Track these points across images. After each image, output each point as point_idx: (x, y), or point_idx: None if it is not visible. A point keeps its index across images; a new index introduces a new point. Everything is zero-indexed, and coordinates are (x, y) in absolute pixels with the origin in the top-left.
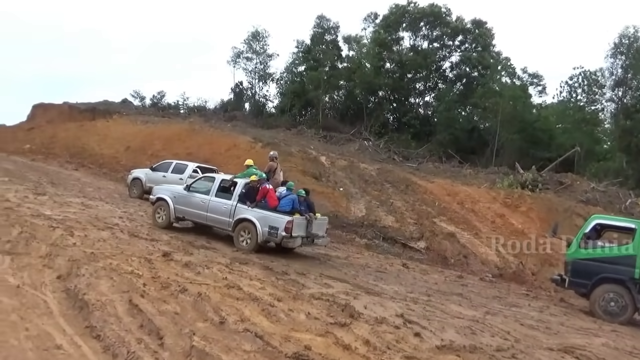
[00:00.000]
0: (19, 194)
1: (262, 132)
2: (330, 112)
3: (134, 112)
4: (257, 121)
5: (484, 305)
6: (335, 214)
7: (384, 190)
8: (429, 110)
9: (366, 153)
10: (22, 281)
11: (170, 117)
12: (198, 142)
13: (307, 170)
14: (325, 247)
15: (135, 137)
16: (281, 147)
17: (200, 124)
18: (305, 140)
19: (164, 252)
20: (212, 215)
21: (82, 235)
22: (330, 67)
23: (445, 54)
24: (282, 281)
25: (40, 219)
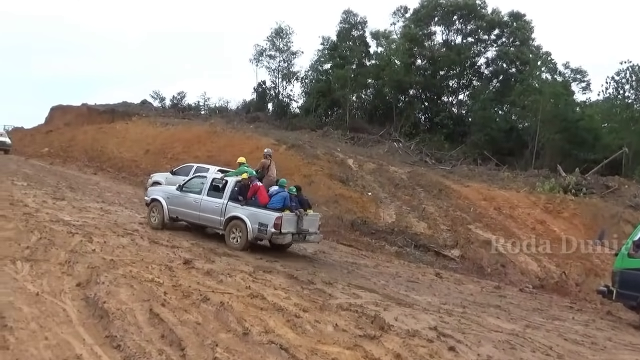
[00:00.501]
0: (37, 198)
1: (286, 134)
2: (358, 112)
3: (153, 113)
4: (280, 122)
5: (523, 318)
6: (364, 220)
7: (415, 195)
8: (463, 109)
9: (396, 155)
10: (41, 289)
11: (191, 119)
12: (219, 145)
13: (333, 173)
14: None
15: (155, 140)
16: (306, 149)
17: (221, 126)
18: (331, 142)
19: (185, 259)
20: (204, 215)
21: (101, 242)
22: (357, 64)
23: (480, 49)
24: (308, 291)
25: (59, 225)
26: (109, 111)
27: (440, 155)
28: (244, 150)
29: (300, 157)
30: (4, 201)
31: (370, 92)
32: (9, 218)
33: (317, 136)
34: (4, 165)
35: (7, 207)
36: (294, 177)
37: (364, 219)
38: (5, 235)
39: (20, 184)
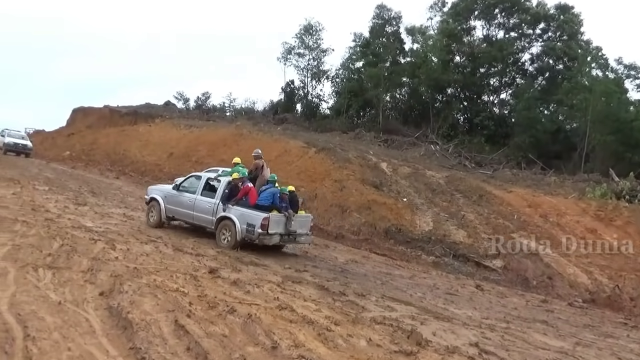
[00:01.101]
0: (59, 204)
1: (316, 136)
2: (392, 112)
3: (177, 115)
4: (310, 124)
5: (573, 335)
6: (399, 228)
7: (453, 201)
8: (506, 109)
9: (433, 159)
10: (63, 297)
11: (216, 121)
12: (246, 148)
13: (366, 178)
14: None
15: (179, 143)
16: (337, 152)
17: (247, 128)
18: (363, 145)
19: (211, 268)
20: (198, 214)
21: (124, 249)
22: (391, 62)
23: (524, 45)
24: (340, 303)
25: (81, 231)
26: (132, 113)
27: (481, 158)
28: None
29: (330, 160)
30: (25, 206)
31: (405, 91)
32: (30, 224)
33: (348, 138)
34: (26, 169)
35: (29, 212)
36: (324, 182)
37: (399, 227)
38: (27, 242)
39: (41, 188)
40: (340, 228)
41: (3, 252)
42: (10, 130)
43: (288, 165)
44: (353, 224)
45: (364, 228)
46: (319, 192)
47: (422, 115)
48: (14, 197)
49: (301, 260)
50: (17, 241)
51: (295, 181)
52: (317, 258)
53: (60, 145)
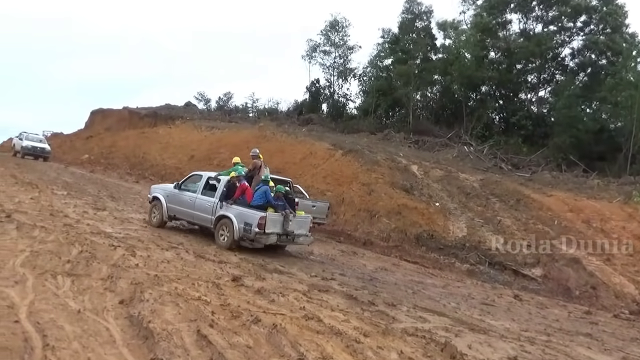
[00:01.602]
0: (78, 209)
1: (343, 138)
2: (423, 112)
3: (198, 116)
4: (336, 124)
5: (620, 349)
6: (431, 234)
7: (489, 206)
8: (544, 107)
9: (467, 160)
10: (83, 306)
11: (238, 122)
12: (269, 150)
13: (395, 181)
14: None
15: (200, 145)
16: (365, 154)
17: (271, 129)
18: (393, 147)
19: (234, 276)
20: (198, 213)
21: (144, 256)
22: (422, 59)
23: (564, 39)
24: (369, 313)
25: (101, 237)
26: (151, 115)
27: (518, 160)
28: (296, 156)
29: (358, 163)
30: (44, 211)
31: (437, 89)
32: (49, 230)
33: (377, 140)
34: (44, 174)
35: (48, 217)
36: (352, 186)
37: (431, 233)
38: (46, 248)
39: (60, 193)
40: (368, 234)
41: (21, 258)
42: (28, 133)
43: (313, 169)
44: (382, 229)
45: (394, 234)
46: (346, 197)
47: (455, 115)
48: (33, 202)
49: (328, 267)
50: (35, 247)
51: (321, 185)
52: (344, 266)
53: (78, 148)
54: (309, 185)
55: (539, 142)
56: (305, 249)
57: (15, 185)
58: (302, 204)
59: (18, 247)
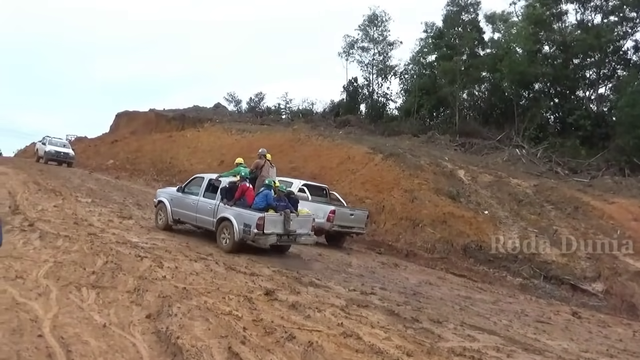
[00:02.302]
0: (102, 217)
1: (383, 140)
2: (470, 112)
3: (228, 119)
4: (375, 126)
5: None
6: (479, 245)
7: (544, 214)
8: (605, 106)
9: (518, 165)
10: (108, 320)
11: (271, 125)
12: (304, 154)
13: (440, 187)
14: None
15: (230, 149)
16: (407, 158)
17: (306, 132)
18: (437, 150)
19: (267, 289)
20: (200, 216)
21: (172, 267)
22: (469, 54)
23: (626, 30)
24: (412, 330)
25: (127, 247)
26: (179, 117)
27: (576, 164)
28: (332, 160)
29: (400, 168)
30: (68, 220)
31: (485, 87)
32: (73, 239)
33: (420, 142)
34: (67, 180)
35: (72, 226)
36: (393, 193)
37: (480, 244)
38: (70, 259)
39: (84, 200)
40: (411, 245)
41: (45, 269)
42: (51, 137)
43: (351, 174)
44: (426, 240)
45: (439, 245)
46: (386, 204)
47: (505, 115)
48: (56, 210)
49: (368, 281)
50: (59, 258)
51: (360, 192)
52: (385, 279)
53: (103, 153)
54: (347, 192)
55: (598, 144)
56: (343, 261)
57: (39, 193)
58: (340, 212)
59: (41, 257)
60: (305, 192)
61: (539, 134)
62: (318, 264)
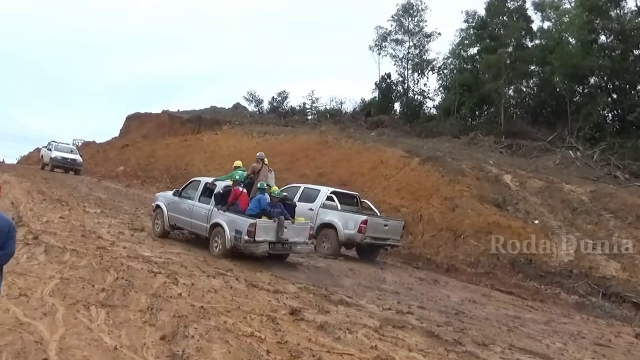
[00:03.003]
0: (112, 229)
1: (420, 143)
2: (517, 110)
3: (248, 120)
4: (411, 127)
5: None
6: (529, 258)
7: (602, 223)
8: None
9: (572, 168)
10: (119, 341)
11: (295, 126)
12: (332, 159)
13: (484, 194)
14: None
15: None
16: (447, 162)
17: (334, 134)
18: (481, 153)
19: (292, 308)
20: (194, 222)
21: (188, 284)
22: (515, 46)
23: None
24: (455, 354)
25: (139, 262)
26: (195, 119)
27: (637, 167)
28: (364, 165)
29: (439, 173)
30: (75, 232)
31: (534, 82)
32: (81, 253)
33: (461, 144)
34: (75, 189)
35: (79, 239)
36: (432, 201)
37: (529, 257)
38: (78, 275)
39: (92, 211)
40: (452, 258)
41: (51, 286)
42: (57, 142)
43: (385, 180)
44: (469, 253)
45: (484, 258)
46: (424, 213)
47: (557, 113)
48: (62, 222)
49: (404, 299)
50: (66, 274)
51: (395, 200)
52: (424, 296)
53: (112, 159)
54: (380, 200)
55: None
56: (376, 276)
57: (43, 202)
58: (372, 222)
59: (47, 273)
60: (334, 200)
61: (595, 134)
62: (349, 280)
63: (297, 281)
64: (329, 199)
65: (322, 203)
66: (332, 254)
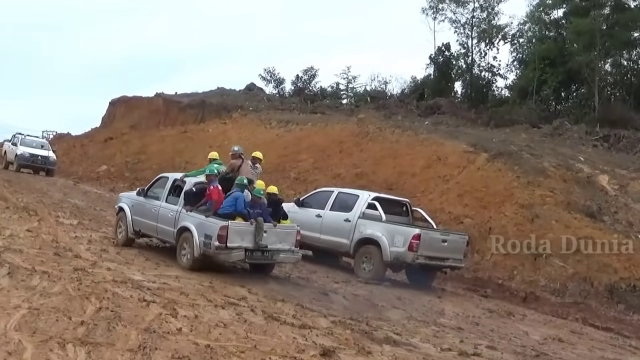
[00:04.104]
0: (93, 245)
1: (488, 134)
2: (616, 91)
3: (265, 106)
4: (477, 113)
5: None
6: (632, 285)
7: None
8: None
9: None
10: None
11: (326, 113)
12: (374, 155)
13: (573, 201)
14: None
15: (270, 148)
16: (523, 159)
17: (376, 123)
18: (568, 146)
19: (324, 348)
20: (161, 226)
21: (190, 316)
22: (613, 7)
23: None
24: None
25: (127, 288)
26: (197, 104)
27: None
28: (415, 163)
29: (513, 173)
30: (46, 249)
31: (638, 54)
32: (53, 276)
33: (542, 136)
34: (45, 194)
35: (51, 258)
36: (504, 209)
37: (632, 283)
38: (50, 304)
39: (68, 222)
40: (531, 284)
41: (16, 318)
42: (24, 135)
43: (443, 183)
44: (553, 277)
45: (573, 284)
46: (494, 226)
47: None
48: (30, 236)
49: (469, 336)
50: (35, 302)
51: (455, 207)
52: (494, 333)
53: (93, 155)
54: (436, 208)
55: None
56: (432, 307)
57: (6, 212)
58: (427, 237)
59: (11, 302)
60: (376, 209)
61: None
62: (396, 312)
63: (329, 313)
64: (370, 207)
65: (362, 212)
66: (374, 279)
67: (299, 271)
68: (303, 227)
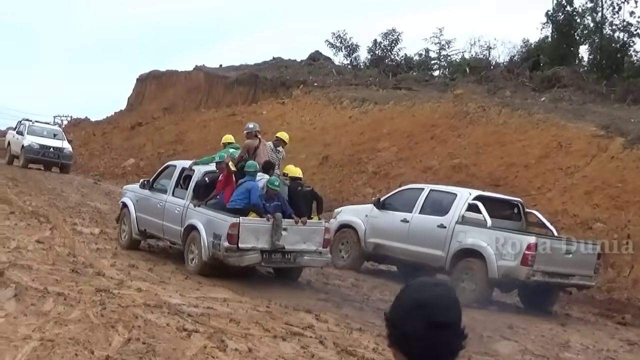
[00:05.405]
0: (120, 260)
1: (623, 113)
2: None
3: (334, 81)
4: (609, 87)
5: None
6: None
7: None
8: None
9: None
10: None
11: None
12: (474, 141)
13: None
14: None
15: (340, 135)
16: None
17: (478, 101)
18: None
19: None
20: (167, 224)
21: (243, 350)
22: None
23: None
24: None
25: (162, 314)
26: (248, 79)
27: None
28: (529, 151)
29: None
30: (61, 265)
31: None
32: (71, 299)
33: None
34: (59, 195)
35: (68, 277)
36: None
37: None
38: (67, 334)
39: (88, 231)
40: None
41: (25, 352)
42: (32, 122)
43: (565, 177)
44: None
45: None
46: (634, 232)
47: None
48: (41, 249)
49: None
50: (48, 332)
51: (582, 209)
52: None
53: (117, 146)
54: (557, 210)
55: None
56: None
57: (11, 218)
58: (546, 248)
59: (18, 331)
60: (479, 211)
61: None
62: (507, 344)
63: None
64: (471, 209)
65: (461, 216)
66: (478, 301)
67: (380, 292)
68: (384, 235)
